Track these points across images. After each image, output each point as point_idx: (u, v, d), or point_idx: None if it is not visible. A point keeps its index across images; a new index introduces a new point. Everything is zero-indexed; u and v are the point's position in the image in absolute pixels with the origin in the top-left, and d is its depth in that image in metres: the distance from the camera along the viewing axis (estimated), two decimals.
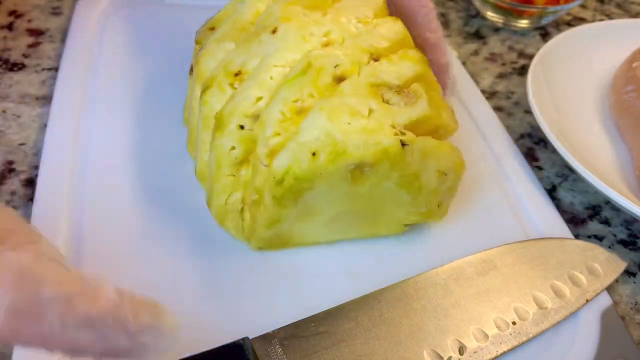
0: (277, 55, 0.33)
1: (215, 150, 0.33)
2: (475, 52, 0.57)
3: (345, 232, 0.36)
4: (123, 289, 0.23)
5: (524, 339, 0.32)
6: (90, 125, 0.43)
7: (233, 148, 0.33)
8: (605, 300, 0.35)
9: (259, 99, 0.33)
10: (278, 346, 0.29)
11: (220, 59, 0.36)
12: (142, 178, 0.39)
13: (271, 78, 0.33)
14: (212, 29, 0.39)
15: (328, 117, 0.31)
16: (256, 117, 0.33)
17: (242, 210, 0.35)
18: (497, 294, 0.33)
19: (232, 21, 0.37)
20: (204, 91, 0.35)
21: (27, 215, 0.39)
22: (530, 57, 0.56)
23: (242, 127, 0.32)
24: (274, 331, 0.30)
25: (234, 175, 0.34)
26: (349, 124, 0.31)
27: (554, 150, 0.41)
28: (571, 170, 0.42)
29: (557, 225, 0.39)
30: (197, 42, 0.40)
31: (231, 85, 0.34)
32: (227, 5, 0.39)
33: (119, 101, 0.45)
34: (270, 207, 0.32)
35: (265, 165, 0.31)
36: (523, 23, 0.59)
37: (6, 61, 0.51)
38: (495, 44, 0.58)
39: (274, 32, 0.34)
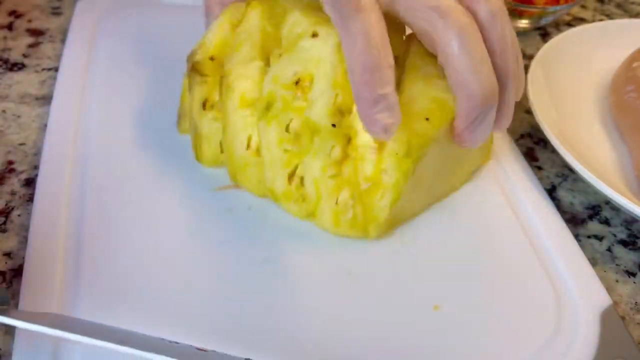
0: (334, 58, 0.34)
1: (317, 160, 0.34)
2: None
3: (434, 196, 0.39)
4: None
5: None
6: (90, 125, 0.43)
7: (333, 147, 0.34)
8: (605, 300, 0.35)
9: (337, 96, 0.34)
10: None
11: (256, 78, 0.36)
12: (143, 178, 0.40)
13: (341, 77, 0.34)
14: (212, 59, 0.39)
15: (431, 85, 0.35)
16: (341, 113, 0.34)
17: (353, 206, 0.35)
18: None
19: (248, 45, 0.37)
20: (267, 111, 0.35)
21: (27, 215, 0.39)
22: (530, 57, 0.56)
23: (334, 125, 0.34)
24: None
25: (338, 175, 0.34)
26: (448, 91, 0.34)
27: (554, 150, 0.41)
28: (571, 170, 0.42)
29: (556, 225, 0.39)
30: (196, 74, 0.38)
31: (294, 95, 0.34)
32: (212, 36, 0.39)
33: (119, 101, 0.45)
34: (394, 186, 0.34)
35: (374, 150, 0.34)
36: (523, 23, 0.59)
37: (6, 61, 0.51)
38: None
39: (314, 36, 0.35)
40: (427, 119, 0.34)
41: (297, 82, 0.34)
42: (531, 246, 0.37)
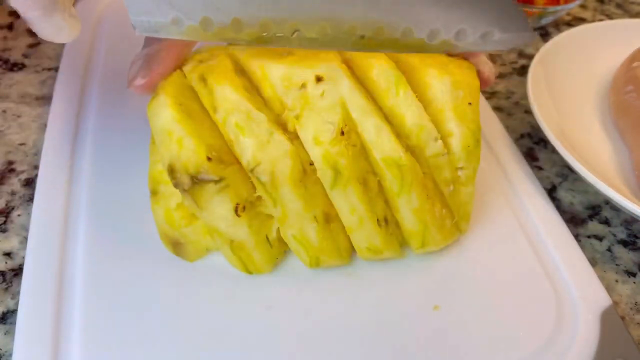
0: (354, 89, 0.32)
1: (412, 193, 0.33)
2: None
3: None
4: None
5: None
6: (90, 125, 0.43)
7: (415, 171, 0.33)
8: (605, 300, 0.35)
9: (387, 121, 0.33)
10: None
11: (288, 151, 0.31)
12: (143, 178, 0.39)
13: (370, 102, 0.32)
14: (210, 158, 0.31)
15: (448, 72, 0.34)
16: (401, 135, 0.33)
17: (446, 215, 0.35)
18: None
19: (251, 123, 0.31)
20: (336, 179, 0.32)
21: (27, 215, 0.39)
22: (530, 57, 0.56)
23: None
24: None
25: (429, 196, 0.34)
26: (461, 68, 0.35)
27: (554, 150, 0.41)
28: (571, 170, 0.42)
29: (556, 225, 0.39)
30: (206, 184, 0.31)
31: (347, 146, 0.32)
32: (189, 140, 0.30)
33: (119, 101, 0.45)
34: (472, 175, 0.35)
35: (445, 154, 0.33)
36: None
37: (6, 61, 0.51)
38: None
39: (319, 80, 0.32)
40: (469, 104, 0.34)
41: (342, 133, 0.31)
42: (531, 246, 0.37)
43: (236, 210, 0.31)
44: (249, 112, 0.31)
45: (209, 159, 0.30)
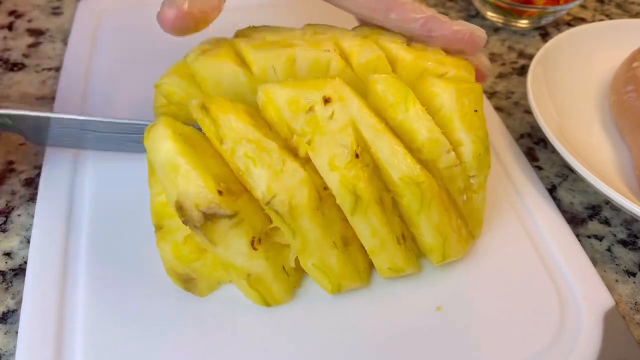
0: (363, 107, 0.31)
1: (434, 210, 0.32)
2: None
3: None
4: None
5: None
6: None
7: (432, 188, 0.32)
8: (608, 301, 0.35)
9: (396, 137, 0.32)
10: None
11: (304, 179, 0.30)
12: (143, 177, 0.39)
13: (380, 119, 0.32)
14: (222, 192, 0.29)
15: (450, 79, 0.35)
16: (413, 150, 0.33)
17: (462, 224, 0.35)
18: None
19: (263, 153, 0.30)
20: (356, 204, 0.31)
21: (27, 215, 0.39)
22: (530, 57, 0.56)
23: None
24: None
25: (447, 209, 0.33)
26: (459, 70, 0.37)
27: (554, 150, 0.41)
28: (571, 170, 0.42)
29: (559, 226, 0.39)
30: (220, 219, 0.29)
31: (362, 168, 0.31)
32: (195, 175, 0.29)
33: (120, 101, 0.45)
34: (484, 182, 0.35)
35: (458, 165, 0.33)
36: (523, 23, 0.59)
37: (6, 61, 0.51)
38: (495, 44, 0.58)
39: (327, 102, 0.31)
40: (475, 111, 0.33)
41: (356, 155, 0.31)
42: (534, 247, 0.37)
43: (252, 244, 0.30)
44: (259, 141, 0.30)
45: (220, 192, 0.28)
